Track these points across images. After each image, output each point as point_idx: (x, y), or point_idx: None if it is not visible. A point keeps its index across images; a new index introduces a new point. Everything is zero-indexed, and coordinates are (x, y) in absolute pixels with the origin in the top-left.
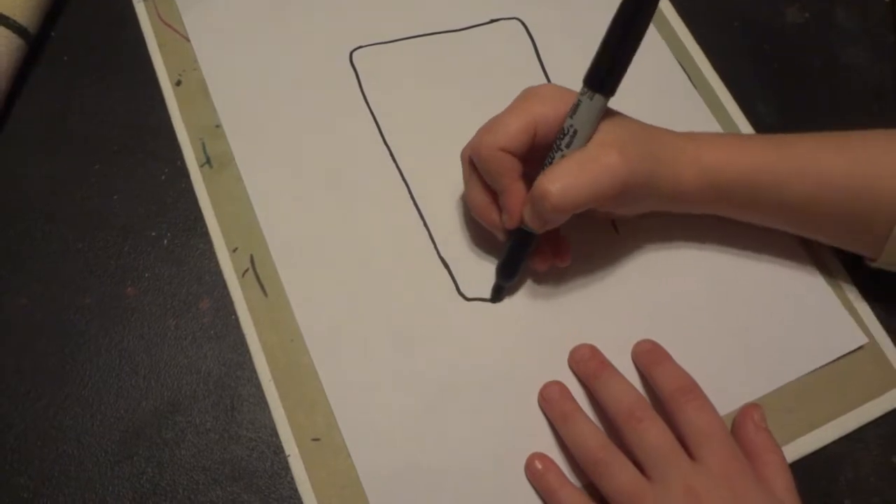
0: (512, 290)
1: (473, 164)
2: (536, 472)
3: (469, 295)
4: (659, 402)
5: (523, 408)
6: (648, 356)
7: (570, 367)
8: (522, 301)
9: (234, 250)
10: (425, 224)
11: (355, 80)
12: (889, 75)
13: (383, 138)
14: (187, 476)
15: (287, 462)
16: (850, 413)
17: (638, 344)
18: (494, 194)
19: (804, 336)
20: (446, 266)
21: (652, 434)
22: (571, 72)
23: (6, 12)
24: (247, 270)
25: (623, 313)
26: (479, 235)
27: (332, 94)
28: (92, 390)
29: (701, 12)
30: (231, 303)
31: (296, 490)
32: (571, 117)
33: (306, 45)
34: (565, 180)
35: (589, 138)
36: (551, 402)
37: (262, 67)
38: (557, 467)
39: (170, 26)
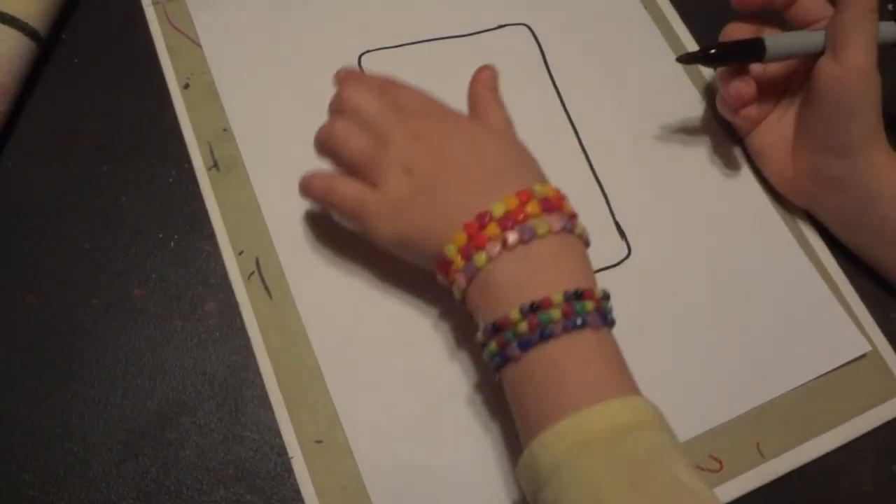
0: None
1: None
2: (305, 183)
3: None
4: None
5: None
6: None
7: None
8: None
9: (240, 253)
10: None
11: None
12: (891, 77)
13: None
14: (191, 476)
15: (290, 464)
16: (849, 422)
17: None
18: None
19: (807, 343)
20: None
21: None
22: (578, 77)
23: (18, 15)
24: (252, 273)
25: (624, 320)
26: None
27: None
28: (98, 390)
29: (700, 12)
30: (236, 305)
31: (298, 492)
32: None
33: (315, 48)
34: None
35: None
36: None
37: (271, 71)
38: (324, 172)
39: (179, 30)
